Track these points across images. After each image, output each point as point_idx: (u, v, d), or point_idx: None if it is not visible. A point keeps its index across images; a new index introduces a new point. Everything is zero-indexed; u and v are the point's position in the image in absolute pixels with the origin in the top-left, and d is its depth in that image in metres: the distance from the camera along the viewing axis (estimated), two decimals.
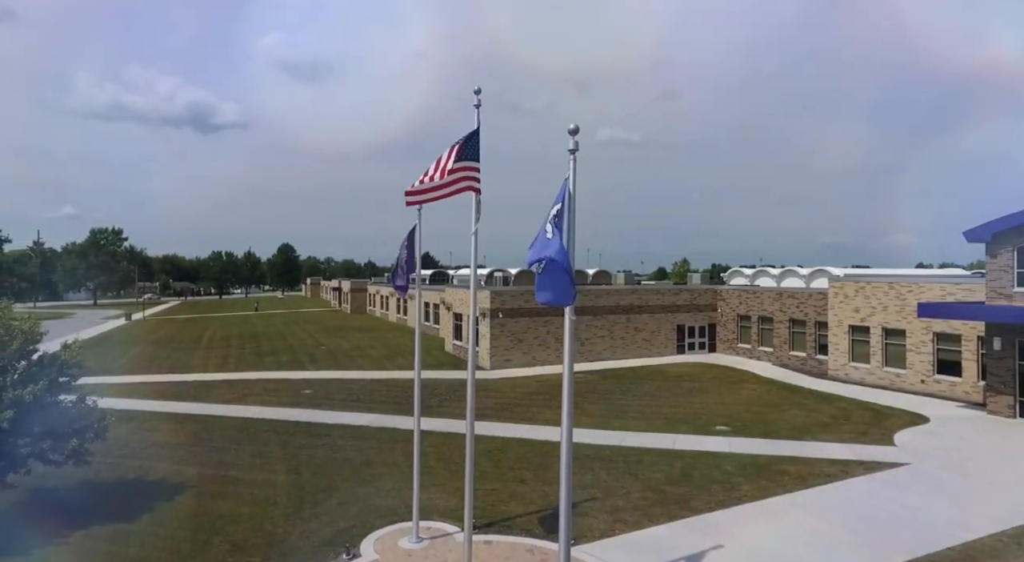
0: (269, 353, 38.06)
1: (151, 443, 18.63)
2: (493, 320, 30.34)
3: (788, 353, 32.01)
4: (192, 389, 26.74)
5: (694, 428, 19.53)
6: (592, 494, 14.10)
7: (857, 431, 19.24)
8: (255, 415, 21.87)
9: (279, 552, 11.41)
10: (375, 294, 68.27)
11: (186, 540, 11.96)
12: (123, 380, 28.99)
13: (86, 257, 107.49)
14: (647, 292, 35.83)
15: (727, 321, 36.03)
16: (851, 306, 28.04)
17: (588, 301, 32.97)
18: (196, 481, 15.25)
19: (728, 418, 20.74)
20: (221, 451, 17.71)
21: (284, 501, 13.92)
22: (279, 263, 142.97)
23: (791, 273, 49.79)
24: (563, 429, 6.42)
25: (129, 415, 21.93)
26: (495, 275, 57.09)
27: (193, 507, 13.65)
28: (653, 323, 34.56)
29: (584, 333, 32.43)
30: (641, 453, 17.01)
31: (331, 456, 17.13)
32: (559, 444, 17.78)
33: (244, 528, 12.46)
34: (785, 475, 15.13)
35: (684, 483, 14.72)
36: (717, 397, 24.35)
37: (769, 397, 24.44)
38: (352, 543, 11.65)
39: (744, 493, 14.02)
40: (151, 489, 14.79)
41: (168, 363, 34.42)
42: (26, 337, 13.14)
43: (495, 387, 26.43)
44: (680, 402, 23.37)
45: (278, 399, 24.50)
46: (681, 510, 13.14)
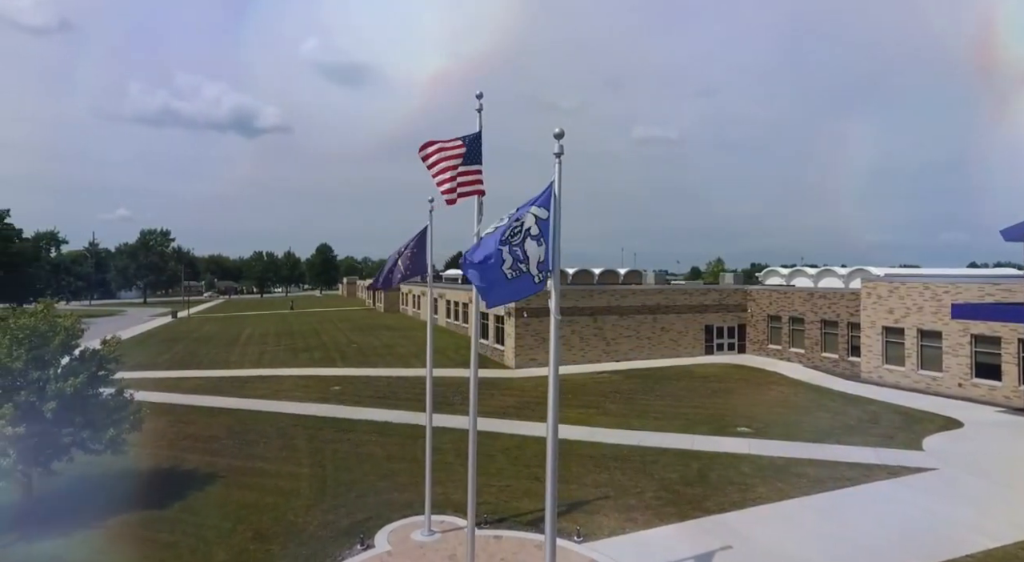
0: (303, 350, 39.17)
1: (186, 435, 19.51)
2: (517, 320, 30.58)
3: (820, 355, 31.30)
4: (228, 384, 27.78)
5: (714, 429, 19.38)
6: (605, 493, 14.22)
7: (884, 435, 18.79)
8: (285, 410, 22.64)
9: (298, 541, 11.91)
10: (407, 293, 69.38)
11: (212, 527, 12.58)
12: (165, 375, 30.35)
13: (136, 257, 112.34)
14: (674, 292, 35.51)
15: (757, 322, 35.42)
16: (885, 307, 27.27)
17: (614, 301, 32.91)
18: (225, 472, 15.95)
19: (750, 419, 20.50)
20: (251, 444, 18.44)
21: (306, 493, 14.47)
22: (317, 263, 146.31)
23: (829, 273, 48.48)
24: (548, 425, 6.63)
25: (168, 408, 23.02)
26: None
27: (221, 496, 14.31)
28: (680, 323, 34.25)
29: (610, 333, 32.40)
30: (658, 453, 17.01)
31: (354, 451, 17.66)
32: (578, 442, 17.94)
33: (267, 517, 13.03)
34: (803, 478, 14.94)
35: (699, 484, 14.69)
36: (742, 398, 24.05)
37: (796, 399, 24.01)
38: (367, 534, 12.07)
39: (759, 495, 13.92)
40: (184, 479, 15.54)
41: (208, 359, 35.80)
42: (68, 333, 13.99)
43: (518, 386, 26.69)
44: (703, 403, 23.18)
45: (308, 395, 25.28)
46: (693, 510, 13.14)
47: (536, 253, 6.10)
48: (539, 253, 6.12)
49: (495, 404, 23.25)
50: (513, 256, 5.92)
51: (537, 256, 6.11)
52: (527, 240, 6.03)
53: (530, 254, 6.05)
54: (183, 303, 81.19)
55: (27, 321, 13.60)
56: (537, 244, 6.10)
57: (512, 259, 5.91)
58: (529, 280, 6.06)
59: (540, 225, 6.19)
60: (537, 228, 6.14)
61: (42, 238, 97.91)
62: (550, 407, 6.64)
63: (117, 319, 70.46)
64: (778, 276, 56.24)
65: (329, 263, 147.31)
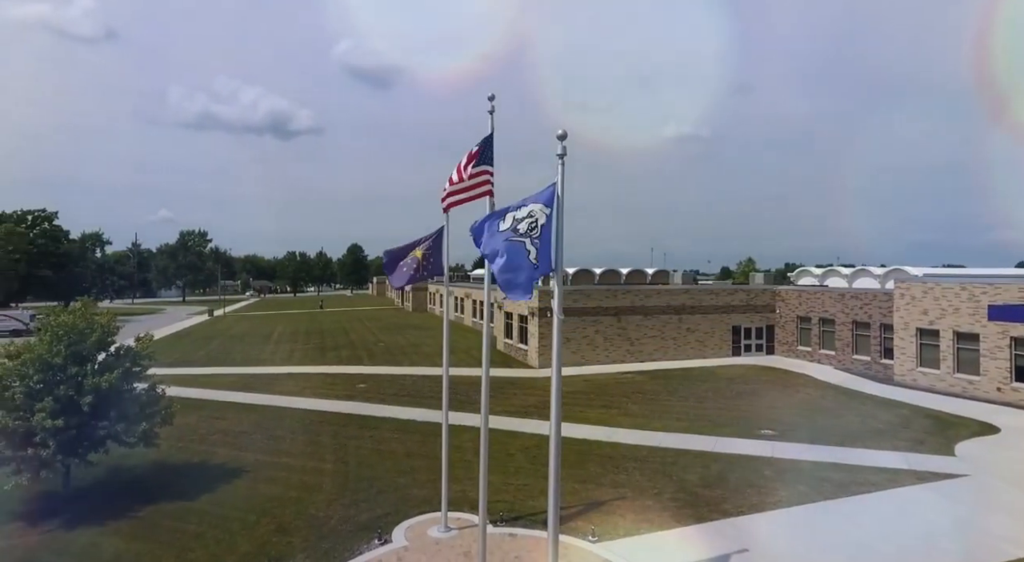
0: (331, 348, 39.93)
1: (217, 430, 20.13)
2: (540, 319, 30.63)
3: (851, 357, 30.55)
4: (259, 381, 28.52)
5: (737, 431, 19.14)
6: (622, 493, 14.21)
7: (914, 439, 18.29)
8: (312, 407, 23.16)
9: (318, 534, 12.23)
10: (435, 293, 70.03)
11: (237, 519, 12.99)
12: (200, 371, 31.31)
13: (175, 257, 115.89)
14: (700, 292, 35.08)
15: (786, 322, 34.74)
16: (919, 308, 26.48)
17: (638, 301, 32.70)
18: (252, 466, 16.43)
19: (775, 422, 20.17)
20: (278, 439, 18.94)
21: (328, 488, 14.82)
22: (348, 263, 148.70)
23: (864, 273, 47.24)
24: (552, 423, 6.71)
25: (201, 404, 23.78)
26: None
27: (247, 490, 14.76)
28: (707, 324, 33.82)
29: (634, 333, 32.20)
30: (678, 454, 16.89)
31: (376, 447, 17.99)
32: (597, 443, 17.91)
33: (290, 511, 13.39)
34: (826, 482, 14.67)
35: (718, 486, 14.56)
36: (767, 400, 23.67)
37: (824, 402, 23.52)
38: (385, 529, 12.32)
39: (779, 498, 13.73)
40: (213, 472, 16.06)
41: (240, 357, 36.78)
42: (104, 331, 14.62)
43: (540, 385, 26.73)
44: (727, 404, 22.89)
45: (334, 392, 25.79)
46: (711, 512, 13.04)
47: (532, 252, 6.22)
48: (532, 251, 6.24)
49: (517, 403, 23.36)
50: (536, 248, 6.08)
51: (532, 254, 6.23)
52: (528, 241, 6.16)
53: (531, 252, 6.18)
54: (219, 302, 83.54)
55: (66, 319, 14.26)
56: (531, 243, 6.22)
57: (535, 251, 6.08)
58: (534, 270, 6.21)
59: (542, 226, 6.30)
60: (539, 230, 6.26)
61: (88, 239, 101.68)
62: (552, 406, 6.73)
63: (157, 317, 72.87)
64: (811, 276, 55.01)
65: (359, 263, 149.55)
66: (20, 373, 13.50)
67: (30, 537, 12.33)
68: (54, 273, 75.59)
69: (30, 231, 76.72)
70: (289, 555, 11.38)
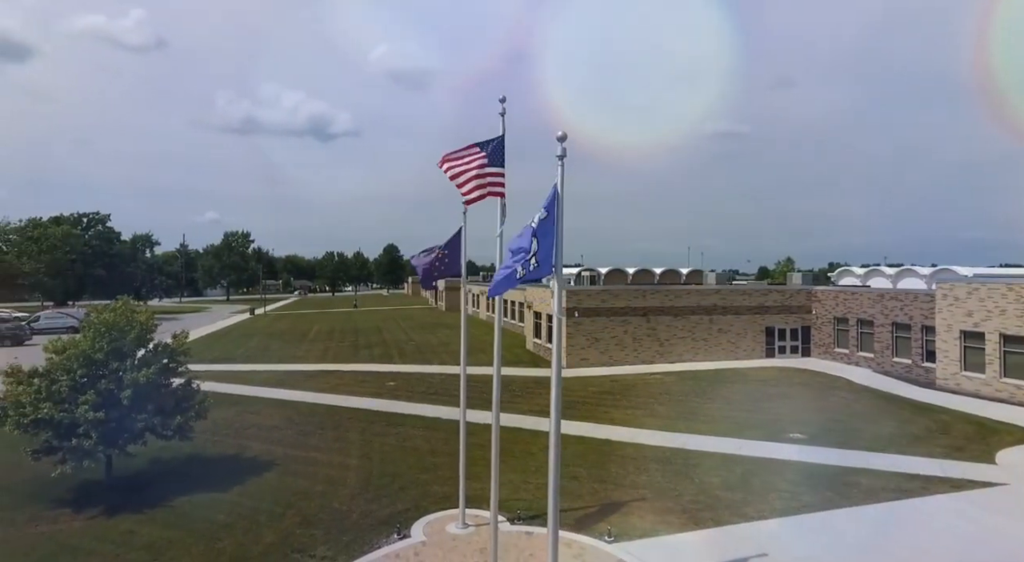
0: (364, 347, 40.73)
1: (251, 425, 20.82)
2: (569, 319, 30.60)
3: (891, 359, 29.55)
4: (293, 378, 29.34)
5: (765, 434, 18.78)
6: (642, 494, 14.15)
7: (953, 446, 17.62)
8: (342, 404, 23.72)
9: (340, 528, 12.57)
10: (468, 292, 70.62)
11: (265, 511, 13.45)
12: (239, 368, 32.37)
13: (220, 257, 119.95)
14: (732, 292, 34.44)
15: (822, 324, 33.81)
16: (963, 309, 25.43)
17: (668, 301, 32.33)
18: (282, 460, 16.96)
19: (805, 425, 19.72)
20: (307, 435, 19.48)
21: (352, 482, 15.19)
22: (385, 262, 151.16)
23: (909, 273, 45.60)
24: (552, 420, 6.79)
25: (238, 399, 24.61)
26: (583, 274, 57.12)
27: (275, 483, 15.25)
28: (739, 324, 33.20)
29: (664, 333, 31.85)
30: (701, 456, 16.70)
31: (401, 444, 18.33)
32: (620, 443, 17.85)
33: (314, 504, 13.79)
34: (854, 488, 14.29)
35: (741, 489, 14.35)
36: (799, 403, 23.12)
37: (859, 405, 22.84)
38: (404, 524, 12.58)
39: (804, 503, 13.45)
40: (244, 465, 16.64)
41: (277, 354, 37.86)
42: (142, 328, 15.30)
43: (566, 385, 26.71)
44: (756, 407, 22.46)
45: (364, 390, 26.35)
46: (731, 516, 12.88)
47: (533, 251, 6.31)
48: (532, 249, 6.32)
49: (541, 402, 23.41)
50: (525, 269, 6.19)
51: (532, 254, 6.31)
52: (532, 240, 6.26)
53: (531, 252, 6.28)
54: (261, 301, 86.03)
55: (107, 316, 14.98)
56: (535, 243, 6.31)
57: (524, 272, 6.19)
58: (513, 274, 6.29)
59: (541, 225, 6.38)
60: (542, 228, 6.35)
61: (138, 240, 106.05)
62: (552, 403, 6.81)
63: (202, 315, 75.53)
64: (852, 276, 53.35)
65: (395, 263, 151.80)
66: (66, 367, 14.26)
67: (74, 523, 13.03)
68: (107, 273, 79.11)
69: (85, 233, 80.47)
70: (311, 547, 11.74)
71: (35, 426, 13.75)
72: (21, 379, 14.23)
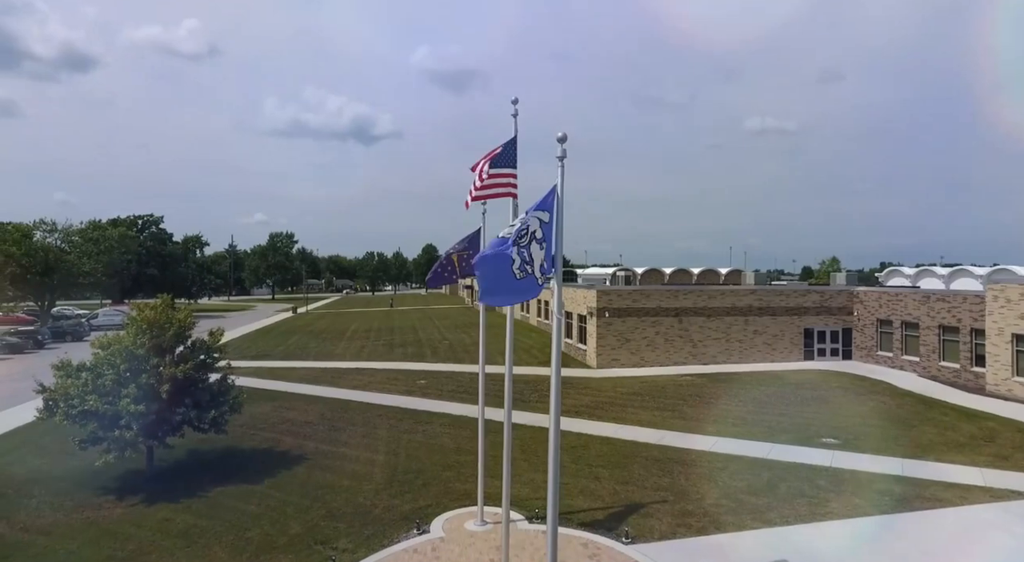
0: (399, 345, 41.42)
1: (285, 420, 21.49)
2: (599, 319, 30.42)
3: (937, 364, 28.31)
4: (329, 375, 30.10)
5: (797, 438, 18.31)
6: (663, 496, 14.02)
7: (998, 455, 16.81)
8: (373, 401, 24.23)
9: (362, 521, 12.89)
10: None
11: (293, 503, 13.91)
12: (277, 364, 33.42)
13: (265, 257, 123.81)
14: (769, 293, 33.56)
15: (865, 326, 32.63)
16: (1016, 312, 24.17)
17: (701, 301, 31.77)
18: (312, 455, 17.47)
19: (840, 430, 19.13)
20: (338, 430, 20.00)
21: (378, 478, 15.54)
22: (423, 262, 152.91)
23: (963, 273, 43.67)
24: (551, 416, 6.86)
25: (274, 395, 25.44)
26: (617, 274, 56.64)
27: (304, 476, 15.73)
28: (775, 326, 32.35)
29: (696, 335, 31.33)
30: (728, 460, 16.41)
31: (427, 441, 18.63)
32: (645, 445, 17.70)
33: (340, 498, 14.18)
34: (886, 495, 13.82)
35: (766, 494, 14.05)
36: (836, 408, 22.42)
37: (900, 411, 22.00)
38: (425, 520, 12.82)
39: (830, 510, 13.09)
40: (276, 458, 17.22)
41: (315, 352, 38.90)
42: (180, 325, 16.01)
43: (595, 386, 26.62)
44: (790, 411, 21.89)
45: (396, 387, 26.83)
46: (753, 520, 12.65)
47: (539, 256, 6.36)
48: (541, 256, 6.37)
49: (569, 403, 23.39)
50: (521, 258, 6.22)
51: (540, 259, 6.37)
52: (532, 243, 6.31)
53: (534, 257, 6.32)
54: (303, 300, 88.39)
55: (148, 314, 15.73)
56: (540, 247, 6.36)
57: (520, 260, 6.21)
58: (533, 281, 6.34)
59: (544, 229, 6.44)
60: (541, 232, 6.40)
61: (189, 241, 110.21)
62: (552, 402, 6.87)
63: (247, 313, 78.14)
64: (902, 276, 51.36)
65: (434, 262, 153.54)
66: (110, 362, 15.05)
67: (116, 510, 13.76)
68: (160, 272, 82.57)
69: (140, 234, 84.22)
70: (334, 539, 12.08)
71: (82, 417, 14.54)
72: (70, 373, 15.10)
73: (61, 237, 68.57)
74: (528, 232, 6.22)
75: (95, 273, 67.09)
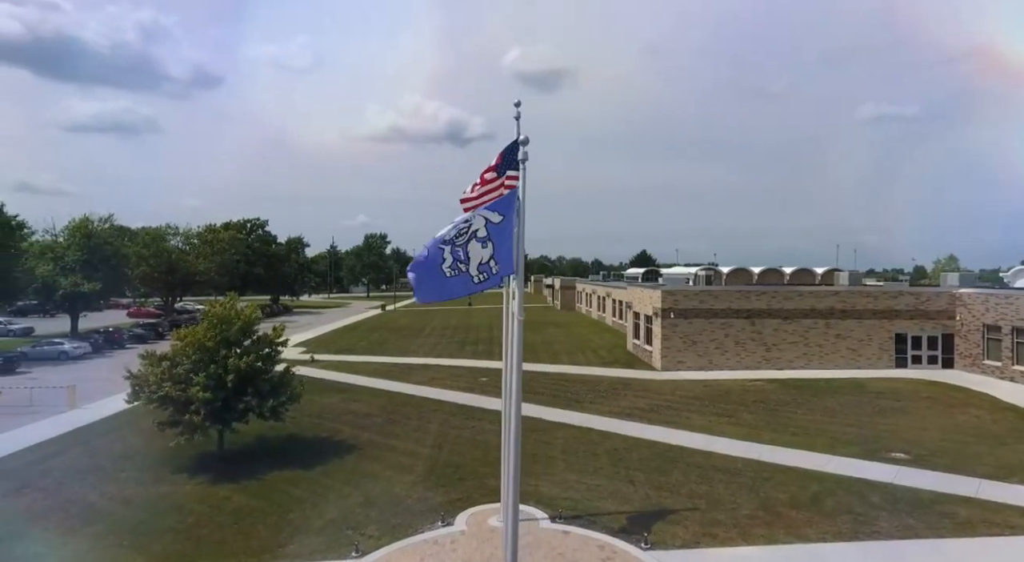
0: (470, 343, 42.41)
1: (348, 411, 22.77)
2: (664, 320, 29.57)
3: None
4: (399, 370, 31.45)
5: (861, 451, 16.98)
6: (696, 504, 13.59)
7: None
8: (433, 396, 25.10)
9: (394, 511, 13.52)
10: (581, 291, 70.46)
11: (336, 490, 14.82)
12: (356, 359, 35.34)
13: (361, 257, 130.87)
14: (854, 294, 31.04)
15: (969, 332, 29.43)
16: None
17: (776, 303, 30.03)
18: (364, 445, 18.45)
19: (915, 445, 17.52)
20: (393, 423, 20.95)
21: (419, 470, 16.18)
22: None
23: None
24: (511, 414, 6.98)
25: (345, 387, 27.01)
26: (698, 274, 54.60)
27: (352, 465, 16.68)
28: (861, 330, 29.91)
29: (770, 338, 29.66)
30: (777, 470, 15.56)
31: (473, 437, 19.09)
32: (690, 450, 17.22)
33: (379, 487, 14.93)
34: (948, 518, 12.57)
35: (808, 508, 13.23)
36: (916, 420, 20.50)
37: (993, 427, 19.76)
38: (450, 513, 13.24)
39: (877, 529, 12.12)
40: (332, 447, 18.34)
41: (392, 347, 40.70)
42: (245, 321, 17.45)
43: (655, 388, 25.95)
44: (862, 421, 20.28)
45: (457, 384, 27.58)
46: (786, 535, 11.99)
47: (479, 254, 6.50)
48: (483, 254, 6.51)
49: (623, 405, 23.04)
50: (454, 256, 6.41)
51: (480, 257, 6.50)
52: (471, 242, 6.47)
53: (472, 255, 6.47)
54: (391, 298, 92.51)
55: (218, 310, 17.31)
56: (482, 246, 6.49)
57: (452, 258, 6.40)
58: (467, 279, 6.49)
59: (489, 228, 6.57)
60: (485, 231, 6.54)
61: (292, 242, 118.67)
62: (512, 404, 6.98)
63: (341, 310, 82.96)
64: None
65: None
66: (185, 353, 16.72)
67: (185, 486, 15.30)
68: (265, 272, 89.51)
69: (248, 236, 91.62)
70: (364, 525, 12.78)
71: (161, 402, 16.27)
72: (153, 362, 16.92)
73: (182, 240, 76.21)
74: (468, 231, 6.38)
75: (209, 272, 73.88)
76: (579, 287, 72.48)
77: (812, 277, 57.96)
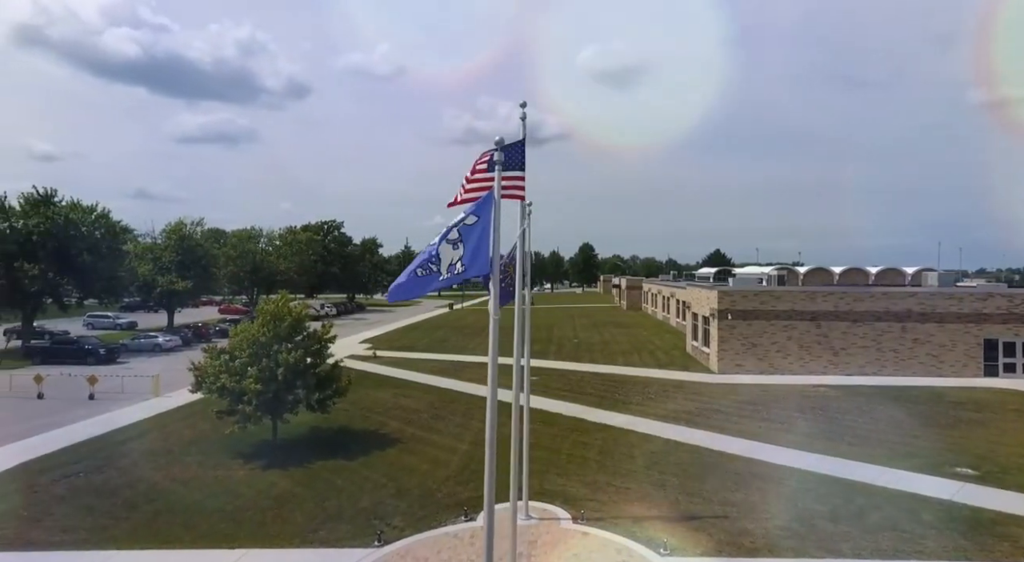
0: None
1: (398, 406, 23.56)
2: (721, 321, 28.51)
3: None
4: (453, 368, 32.13)
5: (922, 465, 15.76)
6: (727, 512, 13.13)
7: None
8: (480, 393, 25.45)
9: (421, 503, 13.93)
10: (647, 291, 69.01)
11: (373, 481, 15.42)
12: (415, 356, 36.44)
13: None
14: (935, 296, 28.64)
15: None
16: None
17: (844, 305, 28.23)
18: (407, 439, 19.05)
19: (986, 460, 16.05)
20: (438, 419, 21.48)
21: (453, 465, 16.55)
22: (579, 261, 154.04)
23: None
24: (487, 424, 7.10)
25: (398, 383, 27.93)
26: (771, 273, 52.04)
27: (393, 458, 17.27)
28: (943, 335, 27.57)
29: (838, 342, 27.92)
30: (821, 481, 14.73)
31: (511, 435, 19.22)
32: (731, 456, 16.69)
33: (413, 480, 15.40)
34: (1005, 540, 11.50)
35: (848, 522, 12.46)
36: (995, 434, 18.73)
37: None
38: (474, 509, 13.47)
39: (921, 549, 11.26)
40: (377, 440, 19.06)
41: (451, 345, 41.59)
42: (295, 318, 18.45)
43: (708, 392, 25.10)
44: (928, 433, 18.77)
45: (505, 383, 27.72)
46: (817, 549, 11.36)
47: (450, 256, 6.65)
48: (453, 256, 6.65)
49: (672, 408, 22.48)
50: (428, 257, 6.61)
51: (450, 258, 6.65)
52: (443, 244, 6.63)
53: (443, 257, 6.63)
54: (460, 296, 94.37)
55: (270, 308, 18.41)
56: (452, 248, 6.64)
57: (426, 259, 6.60)
58: (434, 278, 6.65)
59: (461, 230, 6.70)
60: (457, 233, 6.68)
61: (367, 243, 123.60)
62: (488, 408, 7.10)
63: (410, 308, 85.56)
64: None
65: (590, 261, 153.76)
66: (241, 347, 17.91)
67: (239, 472, 16.39)
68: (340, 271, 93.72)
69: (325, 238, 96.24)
70: (392, 516, 13.25)
71: (219, 392, 17.51)
72: (213, 355, 18.24)
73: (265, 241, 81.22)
74: (444, 234, 6.55)
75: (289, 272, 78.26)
76: (645, 287, 71.06)
77: (901, 277, 53.89)
